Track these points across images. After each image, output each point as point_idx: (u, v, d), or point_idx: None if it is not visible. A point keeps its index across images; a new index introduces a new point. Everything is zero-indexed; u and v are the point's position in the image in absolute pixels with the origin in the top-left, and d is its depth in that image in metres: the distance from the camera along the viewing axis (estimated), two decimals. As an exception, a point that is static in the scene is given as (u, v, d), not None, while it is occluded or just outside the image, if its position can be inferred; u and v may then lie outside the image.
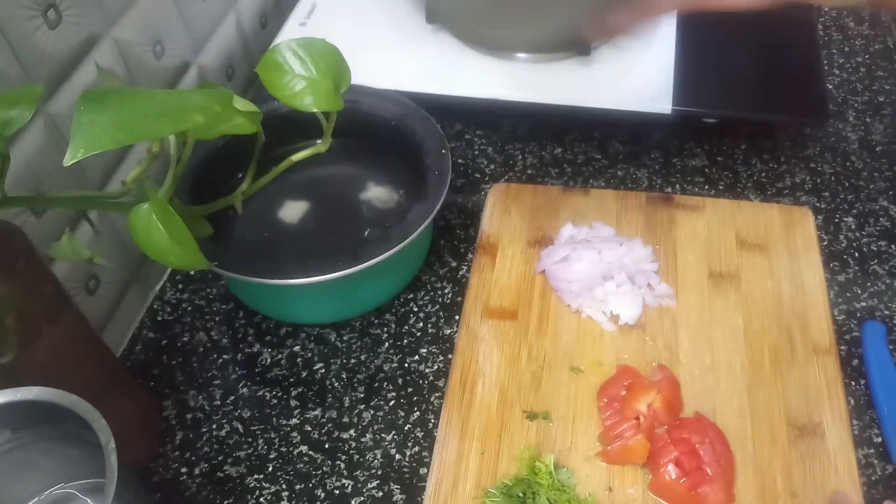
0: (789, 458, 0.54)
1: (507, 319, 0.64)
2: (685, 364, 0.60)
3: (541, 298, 0.65)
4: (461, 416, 0.58)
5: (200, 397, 0.63)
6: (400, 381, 0.63)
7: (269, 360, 0.65)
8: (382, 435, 0.59)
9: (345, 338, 0.66)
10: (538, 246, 0.69)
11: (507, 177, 0.77)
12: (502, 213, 0.71)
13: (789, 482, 0.54)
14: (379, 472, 0.57)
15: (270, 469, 0.58)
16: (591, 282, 0.64)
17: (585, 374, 0.60)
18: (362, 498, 0.56)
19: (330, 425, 0.60)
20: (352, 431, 0.60)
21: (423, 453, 0.58)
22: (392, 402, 0.61)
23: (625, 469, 0.55)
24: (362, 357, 0.64)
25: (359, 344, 0.65)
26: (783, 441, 0.55)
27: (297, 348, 0.65)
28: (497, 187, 0.74)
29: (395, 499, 0.56)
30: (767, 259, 0.66)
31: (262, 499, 0.57)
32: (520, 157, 0.79)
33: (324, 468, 0.58)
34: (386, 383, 0.63)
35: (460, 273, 0.69)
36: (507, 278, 0.67)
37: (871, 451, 0.57)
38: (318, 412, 0.61)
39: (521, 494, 0.53)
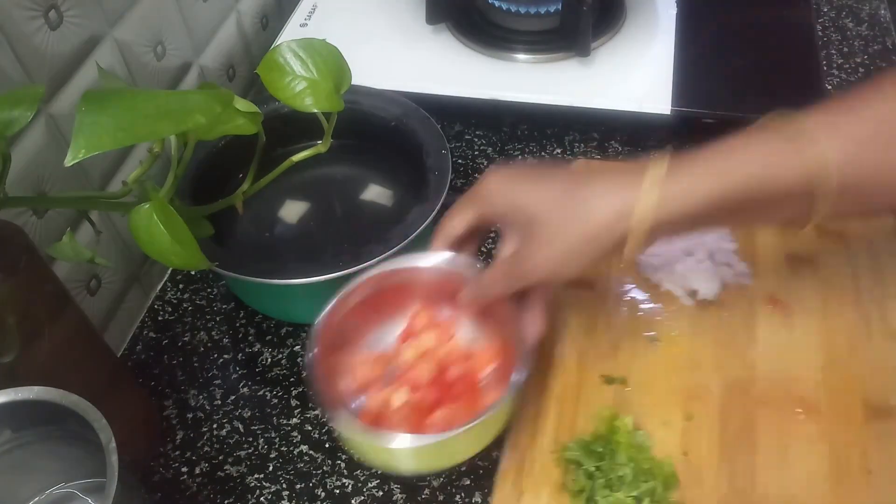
0: (864, 437, 0.54)
1: (585, 289, 0.64)
2: (762, 340, 0.60)
3: (618, 269, 0.65)
4: (540, 376, 0.59)
5: (201, 397, 0.63)
6: (400, 380, 0.63)
7: (269, 360, 0.65)
8: (382, 434, 0.60)
9: (345, 338, 0.66)
10: None
11: (506, 177, 0.77)
12: None
13: (864, 459, 0.53)
14: (379, 472, 0.57)
15: (271, 468, 0.58)
16: (672, 256, 0.64)
17: (662, 344, 0.60)
18: (362, 497, 0.56)
19: (330, 425, 0.60)
20: (352, 431, 0.60)
21: (423, 453, 0.58)
22: (392, 401, 0.61)
23: (700, 434, 0.55)
24: (362, 357, 0.64)
25: (359, 344, 0.65)
26: (858, 420, 0.55)
27: (297, 348, 0.65)
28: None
29: (395, 498, 0.56)
30: (846, 246, 0.65)
31: (262, 498, 0.57)
32: (520, 157, 0.79)
33: (324, 467, 0.58)
34: (386, 383, 0.63)
35: (460, 273, 0.69)
36: None
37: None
38: (318, 412, 0.61)
39: (600, 450, 0.53)
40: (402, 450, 0.48)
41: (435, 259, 0.55)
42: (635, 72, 0.79)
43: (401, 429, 0.50)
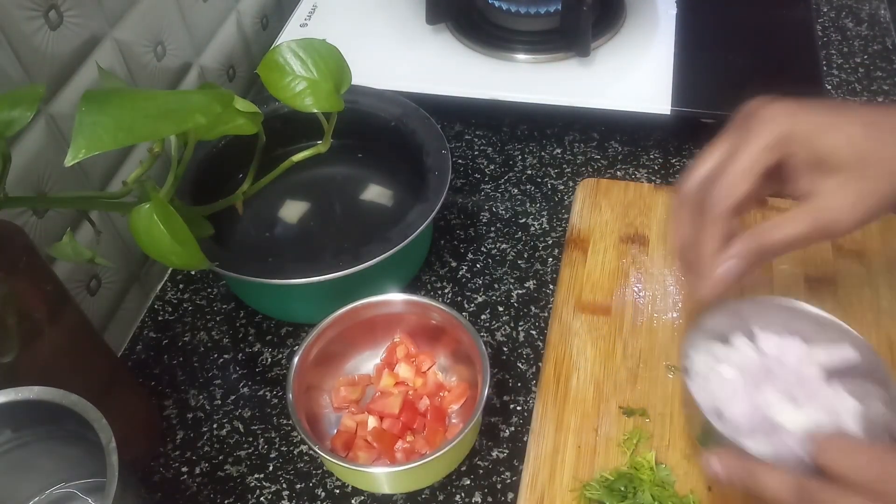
0: None
1: (601, 315, 0.63)
2: None
3: (635, 295, 0.64)
4: (556, 409, 0.57)
5: (201, 397, 0.63)
6: (400, 380, 0.63)
7: (269, 360, 0.65)
8: (382, 434, 0.60)
9: (345, 338, 0.66)
10: (631, 243, 0.68)
11: (507, 177, 0.77)
12: (592, 207, 0.71)
13: None
14: (379, 472, 0.58)
15: (271, 468, 0.58)
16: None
17: (681, 373, 0.59)
18: (363, 497, 0.56)
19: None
20: (352, 431, 0.60)
21: (423, 453, 0.58)
22: (392, 401, 0.61)
23: None
24: (362, 357, 0.64)
25: (359, 344, 0.65)
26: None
27: (297, 348, 0.65)
28: (586, 182, 0.73)
29: (395, 498, 0.56)
30: (865, 266, 0.64)
31: (262, 498, 0.57)
32: (520, 157, 0.79)
33: (324, 467, 0.58)
34: (386, 383, 0.63)
35: (460, 273, 0.69)
36: (600, 273, 0.66)
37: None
38: (318, 412, 0.61)
39: (622, 489, 0.52)
40: (371, 475, 0.53)
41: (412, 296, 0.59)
42: (635, 72, 0.79)
43: (370, 450, 0.55)
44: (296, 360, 0.55)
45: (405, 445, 0.56)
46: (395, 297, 0.59)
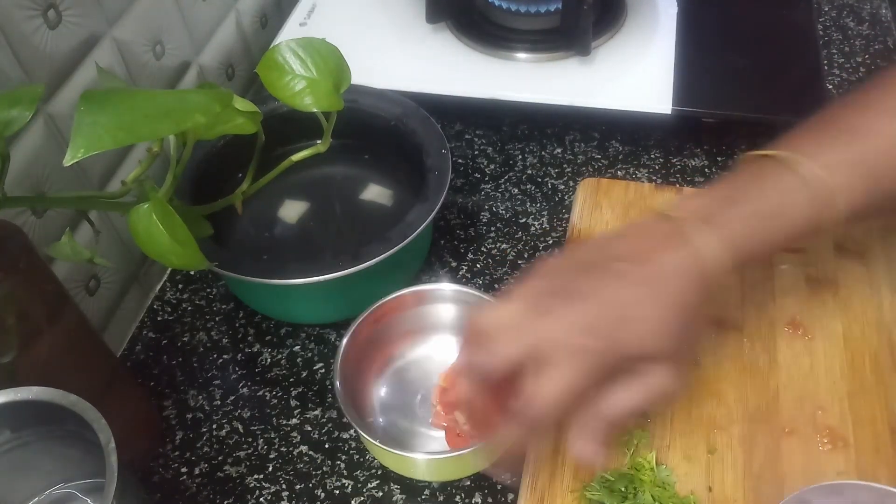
0: (894, 467, 0.53)
1: None
2: (783, 367, 0.59)
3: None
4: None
5: (200, 397, 0.63)
6: (400, 380, 0.63)
7: (269, 360, 0.65)
8: (382, 435, 0.59)
9: (345, 338, 0.66)
10: None
11: (507, 176, 0.77)
12: (593, 207, 0.70)
13: None
14: (379, 472, 0.57)
15: (270, 469, 0.58)
16: None
17: None
18: (362, 498, 0.56)
19: (330, 425, 0.60)
20: (351, 431, 0.60)
21: (423, 453, 0.58)
22: (392, 401, 0.61)
23: (724, 468, 0.54)
24: (362, 357, 0.64)
25: (359, 344, 0.65)
26: (887, 449, 0.54)
27: (297, 348, 0.65)
28: (587, 182, 0.72)
29: (395, 499, 0.56)
30: (866, 266, 0.64)
31: (262, 499, 0.57)
32: (520, 157, 0.79)
33: (324, 468, 0.58)
34: (386, 383, 0.63)
35: (460, 273, 0.69)
36: None
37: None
38: (318, 412, 0.61)
39: (623, 489, 0.52)
40: (412, 461, 0.54)
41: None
42: (636, 71, 0.79)
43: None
44: (343, 345, 0.56)
45: (459, 431, 0.55)
46: (446, 287, 0.60)
